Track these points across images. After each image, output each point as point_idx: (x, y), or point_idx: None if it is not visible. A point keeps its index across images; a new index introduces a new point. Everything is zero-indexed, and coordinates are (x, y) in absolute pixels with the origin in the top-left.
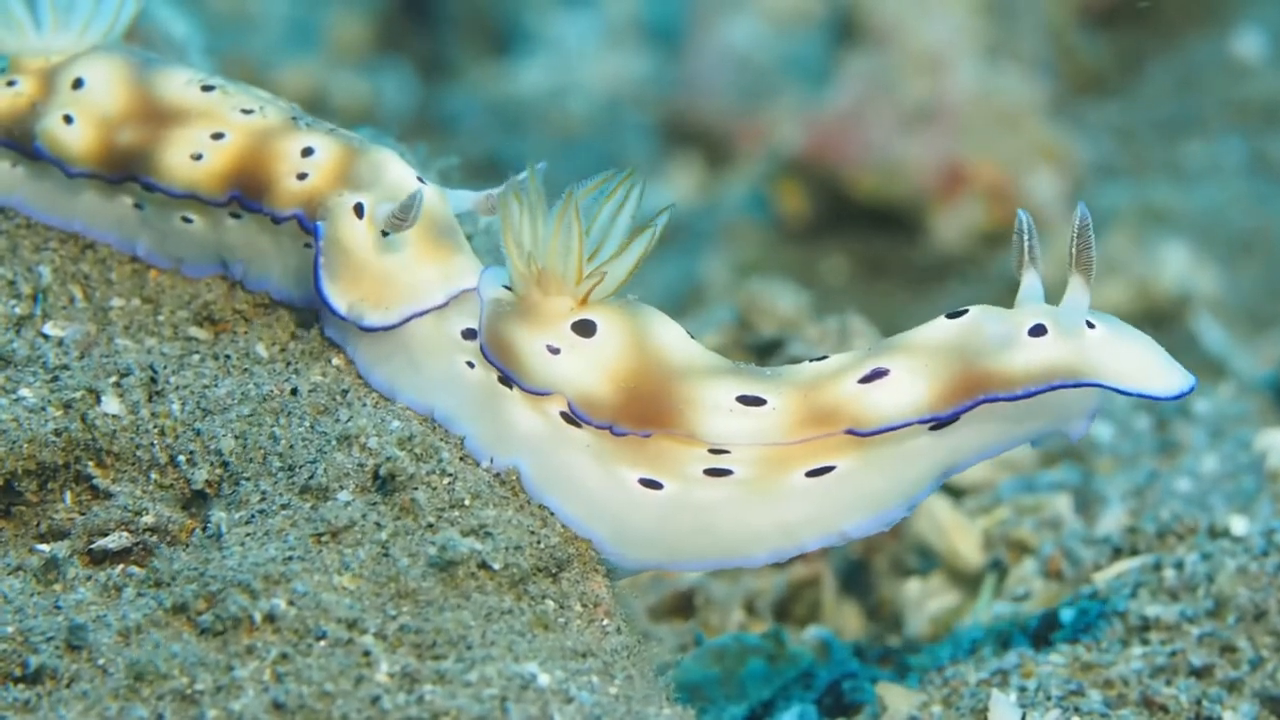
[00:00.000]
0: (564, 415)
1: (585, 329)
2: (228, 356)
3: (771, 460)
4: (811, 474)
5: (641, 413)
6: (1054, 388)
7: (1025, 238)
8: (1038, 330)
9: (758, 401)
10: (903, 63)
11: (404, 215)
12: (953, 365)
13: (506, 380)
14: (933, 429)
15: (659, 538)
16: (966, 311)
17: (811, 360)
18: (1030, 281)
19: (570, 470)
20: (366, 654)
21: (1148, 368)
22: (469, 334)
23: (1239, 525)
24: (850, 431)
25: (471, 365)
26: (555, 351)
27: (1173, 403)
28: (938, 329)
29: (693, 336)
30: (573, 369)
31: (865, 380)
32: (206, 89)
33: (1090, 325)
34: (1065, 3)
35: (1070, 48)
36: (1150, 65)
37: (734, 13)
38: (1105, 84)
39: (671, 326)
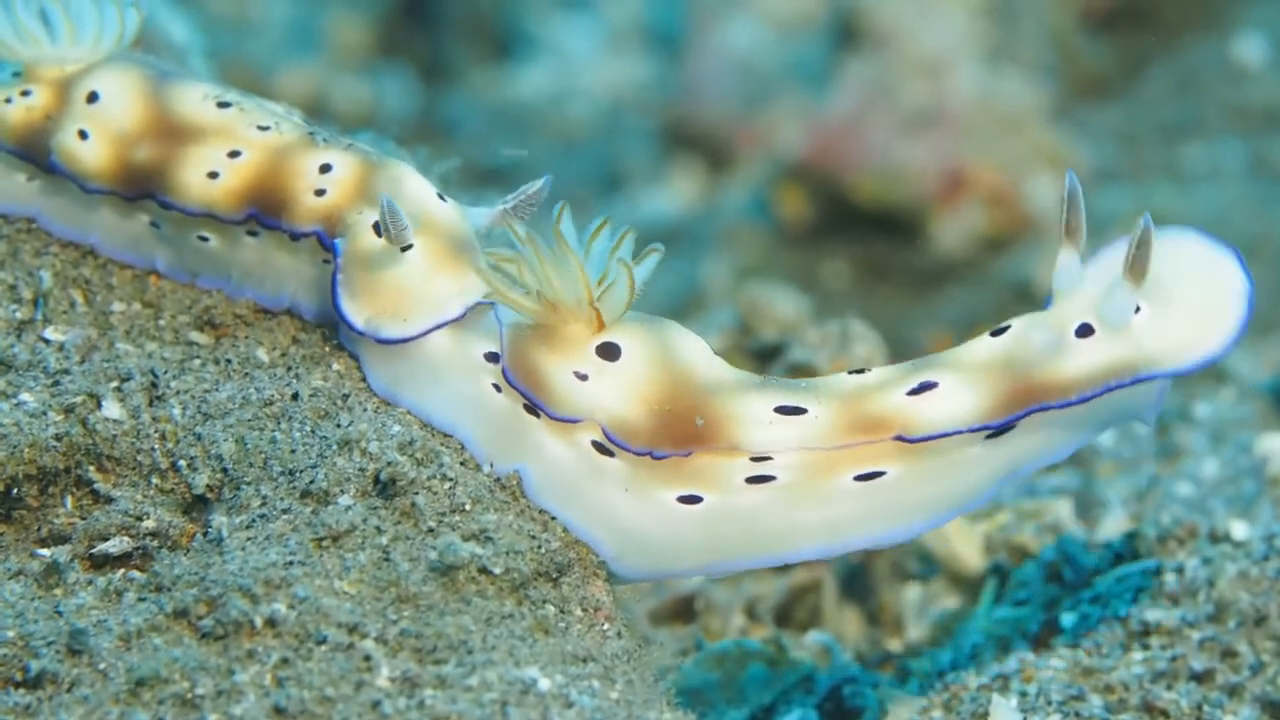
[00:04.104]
0: (595, 445)
1: (609, 352)
2: (228, 361)
3: (816, 466)
4: (860, 478)
5: (680, 433)
6: (1110, 389)
7: (1066, 208)
8: (1084, 330)
9: (798, 410)
10: (903, 67)
11: (393, 225)
12: (1003, 378)
13: (531, 408)
14: (988, 437)
15: (700, 547)
16: (1009, 327)
17: (849, 373)
18: (1066, 260)
19: (605, 503)
20: (367, 658)
21: (1201, 330)
22: (491, 357)
23: (1239, 530)
24: (900, 438)
25: (498, 389)
26: (583, 378)
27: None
28: (982, 346)
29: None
30: (602, 395)
31: (914, 392)
32: (223, 105)
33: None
34: (1066, 7)
35: (1072, 52)
36: (1152, 69)
37: (734, 17)
38: (1107, 88)
39: (693, 341)
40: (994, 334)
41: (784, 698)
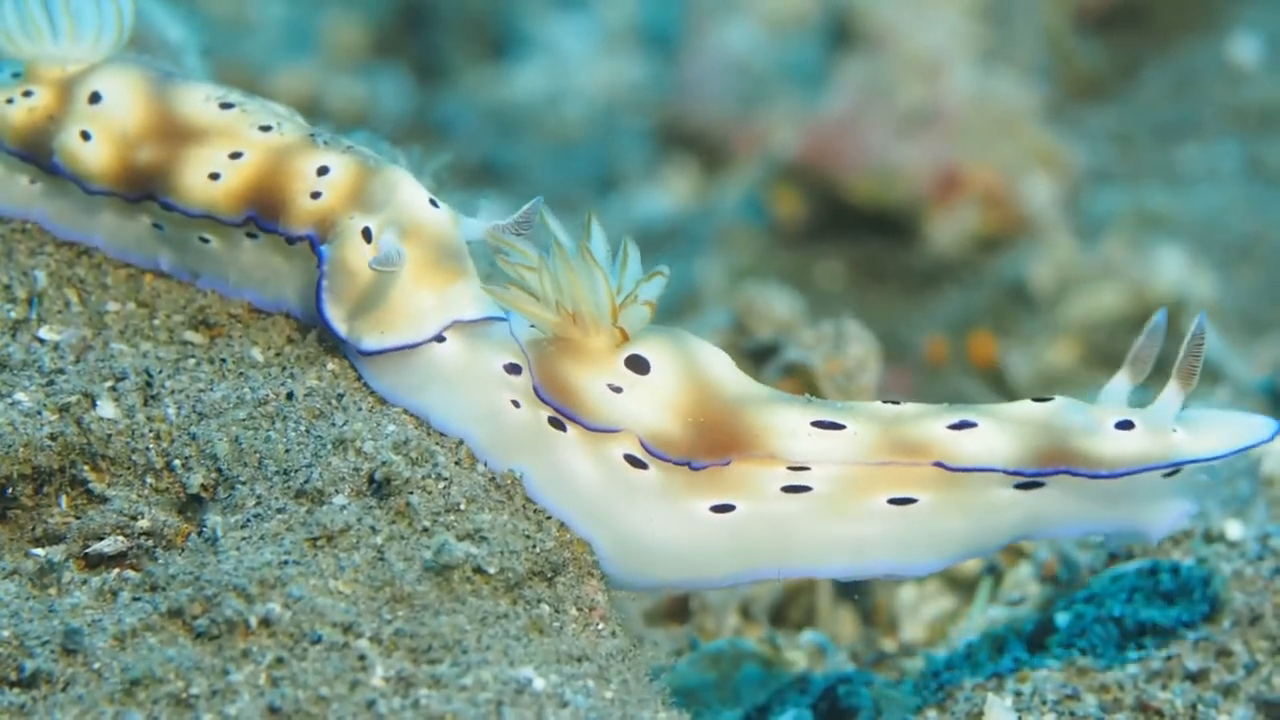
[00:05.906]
0: (628, 458)
1: (638, 365)
2: (223, 361)
3: (854, 481)
4: (894, 501)
5: (717, 443)
6: (1140, 470)
7: (1146, 339)
8: (1124, 425)
9: (836, 426)
10: (899, 67)
11: (385, 265)
12: (1039, 436)
13: (557, 422)
14: (1017, 487)
15: (728, 555)
16: (1051, 399)
17: (884, 402)
18: (1118, 382)
19: (634, 514)
20: (362, 658)
21: (1235, 433)
22: (512, 369)
23: (1234, 530)
24: (940, 464)
25: (517, 405)
26: (617, 390)
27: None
28: (1022, 407)
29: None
30: (637, 408)
31: (954, 427)
32: (225, 106)
33: (1173, 430)
34: (1062, 7)
35: (1067, 52)
36: (1147, 70)
37: (730, 17)
38: (1102, 89)
39: (716, 354)
40: (1036, 400)
41: (778, 697)
